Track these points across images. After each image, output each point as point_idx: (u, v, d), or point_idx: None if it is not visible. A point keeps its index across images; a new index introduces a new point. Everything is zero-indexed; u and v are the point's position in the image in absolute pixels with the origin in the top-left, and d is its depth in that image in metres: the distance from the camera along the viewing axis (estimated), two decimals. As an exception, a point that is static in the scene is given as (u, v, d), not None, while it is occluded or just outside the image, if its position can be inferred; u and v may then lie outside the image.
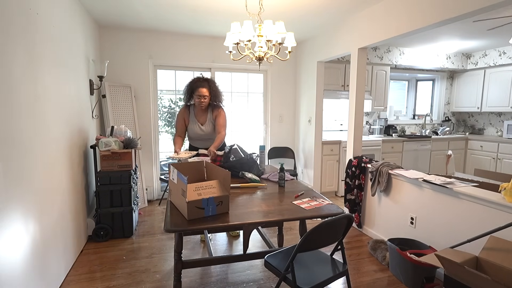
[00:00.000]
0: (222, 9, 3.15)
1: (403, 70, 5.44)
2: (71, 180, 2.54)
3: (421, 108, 5.92)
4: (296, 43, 3.55)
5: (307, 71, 4.47)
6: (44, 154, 2.01)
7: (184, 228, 1.55)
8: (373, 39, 3.08)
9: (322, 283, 1.61)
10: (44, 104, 2.02)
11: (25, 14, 1.79)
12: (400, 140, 4.81)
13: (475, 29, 3.80)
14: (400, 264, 2.28)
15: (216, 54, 4.33)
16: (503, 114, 5.26)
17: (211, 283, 2.30)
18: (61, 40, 2.39)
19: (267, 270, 2.44)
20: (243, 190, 2.18)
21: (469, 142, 5.26)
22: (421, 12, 2.51)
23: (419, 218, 2.54)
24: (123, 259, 2.65)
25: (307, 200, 1.96)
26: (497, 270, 1.68)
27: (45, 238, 1.98)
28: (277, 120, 4.82)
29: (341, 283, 2.33)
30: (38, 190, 1.90)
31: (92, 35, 3.42)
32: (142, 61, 4.05)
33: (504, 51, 4.81)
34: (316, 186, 4.39)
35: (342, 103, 5.16)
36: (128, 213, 3.01)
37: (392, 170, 2.83)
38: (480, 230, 2.04)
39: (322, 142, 4.35)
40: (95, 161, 2.96)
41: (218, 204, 1.69)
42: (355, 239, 3.08)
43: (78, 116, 2.78)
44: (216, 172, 1.90)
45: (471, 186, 2.25)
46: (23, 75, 1.74)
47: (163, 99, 4.42)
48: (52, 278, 2.08)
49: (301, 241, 1.53)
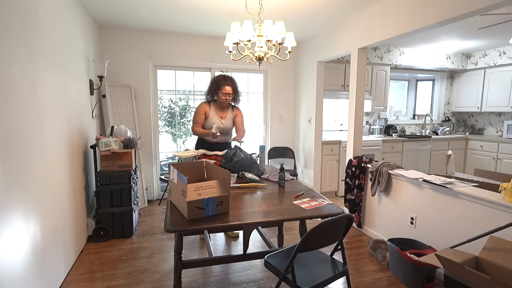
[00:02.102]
0: (222, 9, 3.15)
1: (403, 70, 5.44)
2: (71, 180, 2.54)
3: (421, 108, 5.92)
4: (296, 43, 3.55)
5: (307, 71, 4.47)
6: (44, 154, 2.01)
7: (184, 228, 1.55)
8: (373, 39, 3.08)
9: (322, 283, 1.61)
10: (44, 104, 2.02)
11: (25, 14, 1.79)
12: (400, 140, 4.81)
13: (475, 29, 3.80)
14: (400, 264, 2.28)
15: (216, 54, 4.33)
16: (503, 114, 5.26)
17: (211, 283, 2.30)
18: (61, 40, 2.39)
19: (267, 270, 2.44)
20: (243, 190, 2.18)
21: (469, 142, 5.26)
22: (421, 12, 2.51)
23: (419, 218, 2.54)
24: (123, 259, 2.65)
25: (307, 200, 1.96)
26: (497, 270, 1.68)
27: (45, 238, 1.98)
28: (277, 120, 4.82)
29: (341, 283, 2.33)
30: (38, 190, 1.90)
31: (92, 35, 3.42)
32: (142, 61, 4.05)
33: (504, 51, 4.81)
34: (316, 186, 4.39)
35: (342, 103, 5.16)
36: (128, 213, 3.01)
37: (392, 170, 2.83)
38: (480, 230, 2.04)
39: (322, 142, 4.35)
40: (95, 161, 2.96)
41: (218, 204, 1.69)
42: (355, 239, 3.08)
43: (78, 116, 2.78)
44: (216, 172, 1.90)
45: (471, 186, 2.25)
46: (23, 75, 1.74)
47: (163, 99, 4.42)
48: (52, 278, 2.08)
49: (301, 241, 1.53)
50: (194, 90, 4.47)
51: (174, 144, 4.60)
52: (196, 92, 4.48)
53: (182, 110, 4.54)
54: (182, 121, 4.59)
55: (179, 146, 4.61)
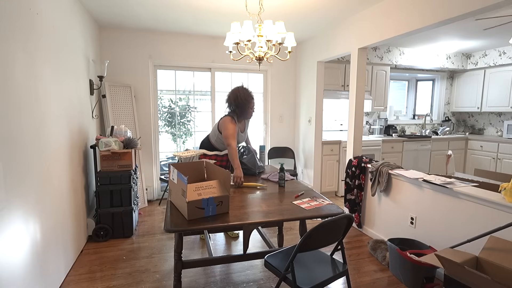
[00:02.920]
0: (222, 9, 3.15)
1: (403, 70, 5.44)
2: (71, 180, 2.54)
3: (421, 108, 5.92)
4: (296, 43, 3.55)
5: (307, 71, 4.47)
6: (44, 154, 2.01)
7: (184, 228, 1.55)
8: (373, 39, 3.08)
9: (322, 283, 1.61)
10: (44, 104, 2.02)
11: (25, 14, 1.79)
12: (400, 140, 4.81)
13: (475, 29, 3.80)
14: (400, 264, 2.28)
15: (216, 54, 4.33)
16: (503, 114, 5.26)
17: (211, 283, 2.30)
18: (61, 40, 2.39)
19: (267, 270, 2.44)
20: (243, 190, 2.18)
21: (469, 142, 5.26)
22: (421, 12, 2.51)
23: (419, 218, 2.54)
24: (123, 259, 2.65)
25: (307, 200, 1.96)
26: (497, 270, 1.68)
27: (45, 238, 1.98)
28: (277, 120, 4.82)
29: (341, 283, 2.33)
30: (38, 190, 1.90)
31: (92, 35, 3.42)
32: (142, 61, 4.05)
33: (504, 51, 4.81)
34: (316, 186, 4.39)
35: (342, 103, 5.16)
36: (128, 213, 3.01)
37: (392, 170, 2.83)
38: (480, 230, 2.04)
39: (322, 142, 4.35)
40: (95, 161, 2.96)
41: (218, 204, 1.69)
42: (355, 239, 3.08)
43: (78, 116, 2.78)
44: (216, 172, 1.90)
45: (471, 186, 2.25)
46: (23, 75, 1.74)
47: (163, 99, 4.42)
48: (52, 278, 2.08)
49: (301, 241, 1.53)
50: (194, 90, 4.47)
51: (174, 144, 4.60)
52: (196, 92, 4.48)
53: (182, 110, 4.54)
54: (182, 121, 4.59)
55: (179, 146, 4.61)
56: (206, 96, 4.52)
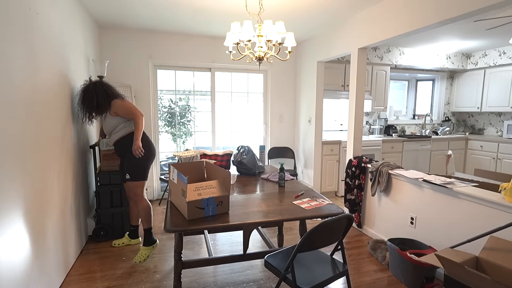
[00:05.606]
0: (222, 9, 3.15)
1: (403, 70, 5.44)
2: (71, 180, 2.54)
3: (421, 108, 5.92)
4: (296, 43, 3.55)
5: (307, 71, 4.47)
6: (44, 154, 2.01)
7: (184, 228, 1.55)
8: (373, 39, 3.08)
9: (322, 283, 1.61)
10: (44, 104, 2.02)
11: (25, 14, 1.79)
12: (400, 140, 4.81)
13: (475, 29, 3.80)
14: (400, 264, 2.28)
15: (216, 54, 4.33)
16: (503, 114, 5.26)
17: (211, 283, 2.30)
18: (61, 40, 2.39)
19: (267, 270, 2.44)
20: (243, 190, 2.18)
21: (469, 142, 5.26)
22: (421, 12, 2.51)
23: (419, 218, 2.54)
24: (123, 259, 2.65)
25: (307, 200, 1.96)
26: (497, 270, 1.68)
27: (45, 238, 1.98)
28: (277, 120, 4.82)
29: (341, 283, 2.33)
30: (38, 190, 1.90)
31: (92, 35, 3.42)
32: (142, 61, 4.05)
33: (504, 51, 4.81)
34: (316, 186, 4.39)
35: (342, 103, 5.16)
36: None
37: (392, 170, 2.83)
38: (480, 230, 2.05)
39: (322, 142, 4.35)
40: (95, 161, 2.96)
41: (218, 204, 1.69)
42: (355, 239, 3.08)
43: (79, 116, 2.78)
44: (216, 172, 1.90)
45: (471, 186, 2.25)
46: (22, 75, 1.74)
47: (163, 99, 4.42)
48: (52, 278, 2.08)
49: (301, 241, 1.53)
50: (194, 90, 4.47)
51: (174, 144, 4.60)
52: (196, 92, 4.48)
53: (182, 110, 4.54)
54: (182, 121, 4.59)
55: (179, 146, 4.61)
56: (206, 96, 4.52)
